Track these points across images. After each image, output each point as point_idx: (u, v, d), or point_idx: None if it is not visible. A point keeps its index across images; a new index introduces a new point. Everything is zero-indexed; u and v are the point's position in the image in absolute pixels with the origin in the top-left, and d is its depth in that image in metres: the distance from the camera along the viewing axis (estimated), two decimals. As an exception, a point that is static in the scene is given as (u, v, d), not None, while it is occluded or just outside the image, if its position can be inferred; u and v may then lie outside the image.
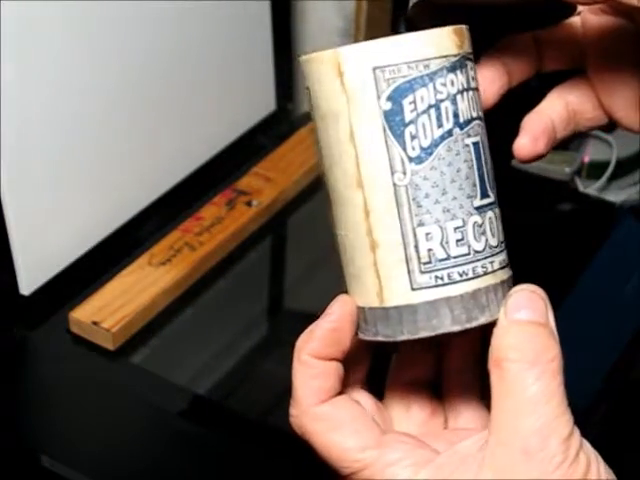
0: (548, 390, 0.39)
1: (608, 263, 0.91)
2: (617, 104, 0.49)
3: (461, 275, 0.42)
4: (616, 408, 0.82)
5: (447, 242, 0.42)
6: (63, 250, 0.88)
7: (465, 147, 0.42)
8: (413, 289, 0.43)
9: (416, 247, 0.42)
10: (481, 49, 0.48)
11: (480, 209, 0.43)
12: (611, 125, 0.50)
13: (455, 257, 0.42)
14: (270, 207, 0.98)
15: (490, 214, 0.43)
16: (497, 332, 0.41)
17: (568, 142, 0.48)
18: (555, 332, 0.41)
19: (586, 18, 0.49)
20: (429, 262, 0.42)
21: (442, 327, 0.43)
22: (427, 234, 0.42)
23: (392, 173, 0.42)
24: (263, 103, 1.08)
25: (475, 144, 0.43)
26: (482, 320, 0.43)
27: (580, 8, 0.48)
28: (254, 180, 1.00)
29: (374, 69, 0.41)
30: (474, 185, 0.43)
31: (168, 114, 0.96)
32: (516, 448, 0.39)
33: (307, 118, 1.11)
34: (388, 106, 0.42)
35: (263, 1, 1.03)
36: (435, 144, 0.42)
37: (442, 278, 0.42)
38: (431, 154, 0.42)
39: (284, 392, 0.84)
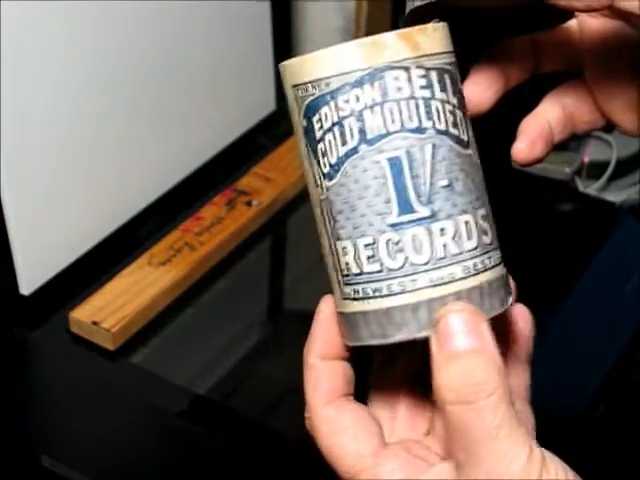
0: (494, 425, 0.39)
1: (608, 263, 0.91)
2: (615, 107, 0.48)
3: (374, 291, 0.42)
4: (616, 408, 0.82)
5: (359, 258, 0.42)
6: (63, 250, 0.88)
7: (375, 163, 0.41)
8: (342, 299, 0.43)
9: (338, 260, 0.43)
10: (481, 52, 0.48)
11: (397, 226, 0.41)
12: (609, 127, 0.50)
13: (368, 273, 0.42)
14: (270, 207, 0.98)
15: (416, 230, 0.41)
16: (433, 367, 0.40)
17: (567, 142, 0.48)
18: (495, 354, 0.40)
19: (584, 21, 0.48)
20: (347, 275, 0.42)
21: (362, 339, 0.43)
22: (343, 248, 0.42)
23: (315, 187, 0.43)
24: (263, 103, 1.08)
25: (392, 159, 0.41)
26: (398, 337, 0.42)
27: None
28: (254, 180, 1.00)
29: (293, 87, 0.43)
30: (387, 202, 0.41)
31: (168, 114, 0.96)
32: None
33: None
34: (304, 123, 0.42)
35: (263, 1, 1.03)
36: (341, 161, 0.41)
37: (358, 292, 0.42)
38: (338, 171, 0.42)
39: (284, 392, 0.84)
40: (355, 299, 0.42)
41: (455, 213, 0.41)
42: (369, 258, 0.42)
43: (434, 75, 0.41)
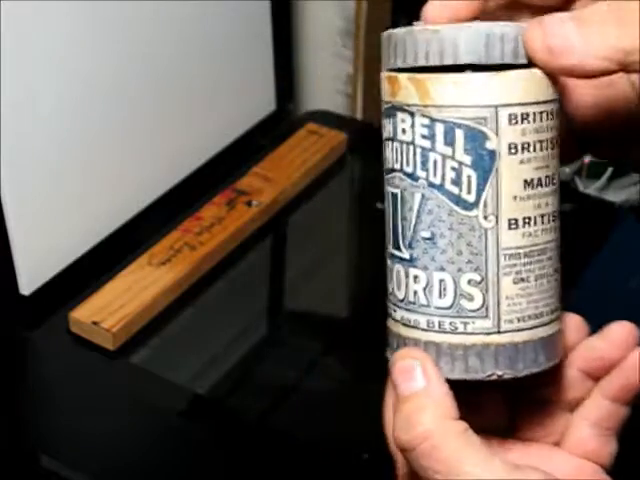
0: (448, 467, 0.39)
1: (608, 263, 0.91)
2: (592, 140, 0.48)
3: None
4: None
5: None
6: (63, 250, 0.88)
7: (387, 193, 0.43)
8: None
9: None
10: None
11: (391, 257, 0.43)
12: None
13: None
14: (270, 207, 0.98)
15: (399, 267, 0.42)
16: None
17: (571, 153, 0.48)
18: (433, 390, 0.40)
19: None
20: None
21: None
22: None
23: None
24: (263, 103, 1.08)
25: (393, 195, 0.43)
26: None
27: None
28: (254, 180, 1.00)
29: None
30: (388, 231, 0.43)
31: (168, 114, 0.96)
32: None
33: (307, 118, 1.11)
34: None
35: (263, 1, 1.03)
36: None
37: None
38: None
39: (284, 392, 0.84)
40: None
41: (431, 267, 0.42)
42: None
43: (440, 127, 0.41)
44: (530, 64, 0.41)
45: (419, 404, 0.40)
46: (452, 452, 0.39)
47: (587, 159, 1.04)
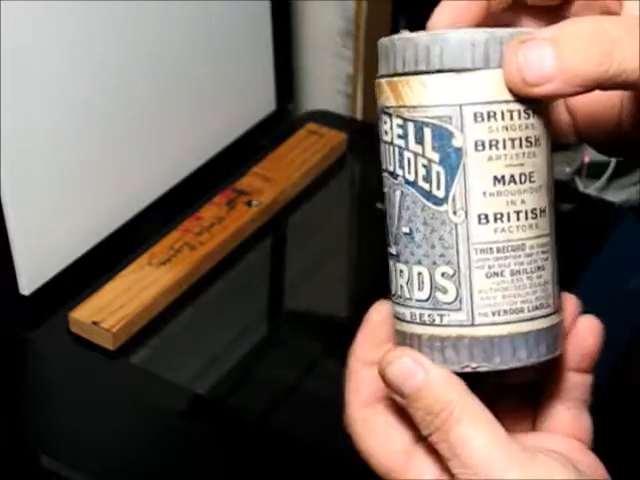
0: (462, 442, 0.41)
1: (608, 263, 0.91)
2: (593, 132, 0.48)
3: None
4: (616, 408, 0.82)
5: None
6: (63, 250, 0.88)
7: (384, 194, 0.45)
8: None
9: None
10: None
11: (388, 254, 0.45)
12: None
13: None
14: (270, 207, 0.98)
15: (391, 262, 0.44)
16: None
17: (568, 139, 0.48)
18: (436, 379, 0.41)
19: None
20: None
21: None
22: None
23: None
24: (263, 103, 1.08)
25: (385, 194, 0.44)
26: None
27: None
28: (254, 180, 1.00)
29: None
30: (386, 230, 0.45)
31: (168, 114, 0.96)
32: None
33: (307, 118, 1.11)
34: None
35: (263, 1, 1.03)
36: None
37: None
38: None
39: (284, 392, 0.84)
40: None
41: (411, 261, 0.43)
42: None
43: (411, 127, 0.43)
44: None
45: (428, 394, 0.41)
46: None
47: (587, 159, 1.04)
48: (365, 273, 1.02)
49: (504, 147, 0.42)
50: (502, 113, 0.42)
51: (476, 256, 0.42)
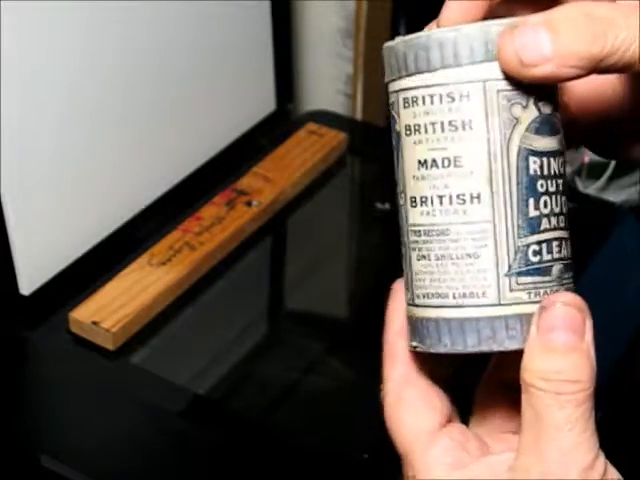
0: (571, 418, 0.39)
1: (608, 263, 0.91)
2: (590, 133, 0.48)
3: None
4: (616, 408, 0.82)
5: None
6: (63, 250, 0.88)
7: None
8: None
9: None
10: None
11: None
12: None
13: None
14: (270, 207, 0.98)
15: None
16: (528, 351, 0.41)
17: (568, 142, 0.48)
18: (591, 351, 0.40)
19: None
20: None
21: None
22: None
23: None
24: (263, 103, 1.08)
25: None
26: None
27: None
28: (254, 180, 1.00)
29: None
30: None
31: (168, 114, 0.96)
32: (536, 474, 0.40)
33: (307, 118, 1.11)
34: None
35: (263, 1, 1.03)
36: None
37: None
38: None
39: (284, 392, 0.84)
40: None
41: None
42: None
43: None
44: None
45: (579, 357, 0.40)
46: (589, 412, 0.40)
47: (587, 159, 1.04)
48: (365, 273, 1.02)
49: (425, 131, 0.42)
50: (423, 98, 0.42)
51: (411, 238, 0.43)
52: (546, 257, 0.42)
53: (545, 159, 0.42)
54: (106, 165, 0.90)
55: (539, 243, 0.42)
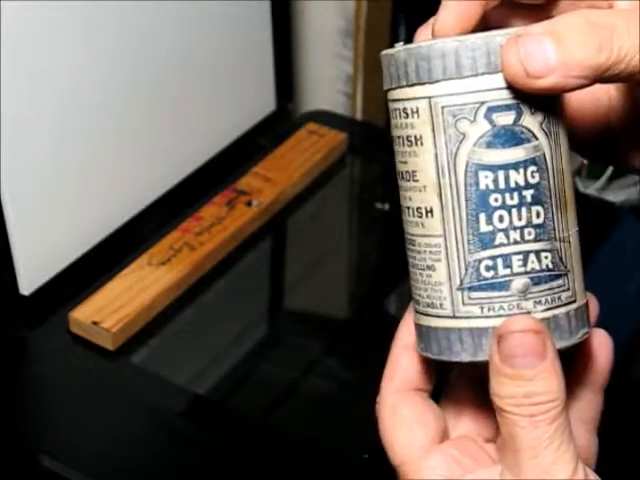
0: (546, 436, 0.40)
1: (608, 263, 0.91)
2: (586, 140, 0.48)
3: None
4: (616, 408, 0.82)
5: None
6: (63, 250, 0.88)
7: None
8: None
9: None
10: None
11: None
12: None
13: None
14: (270, 207, 0.98)
15: None
16: (494, 380, 0.41)
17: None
18: (555, 366, 0.40)
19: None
20: None
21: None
22: None
23: None
24: (263, 103, 1.08)
25: None
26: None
27: None
28: (254, 180, 1.00)
29: None
30: None
31: (168, 114, 0.96)
32: None
33: (307, 118, 1.11)
34: None
35: (263, 1, 1.03)
36: None
37: None
38: None
39: (284, 392, 0.84)
40: None
41: None
42: None
43: None
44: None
45: (544, 377, 0.40)
46: (564, 424, 0.41)
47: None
48: (365, 273, 1.02)
49: (397, 144, 0.43)
50: (395, 112, 0.43)
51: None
52: (503, 272, 0.41)
53: (502, 172, 0.41)
54: (106, 165, 0.90)
55: (493, 258, 0.41)
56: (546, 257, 0.42)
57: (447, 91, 0.41)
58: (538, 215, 0.42)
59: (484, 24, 0.44)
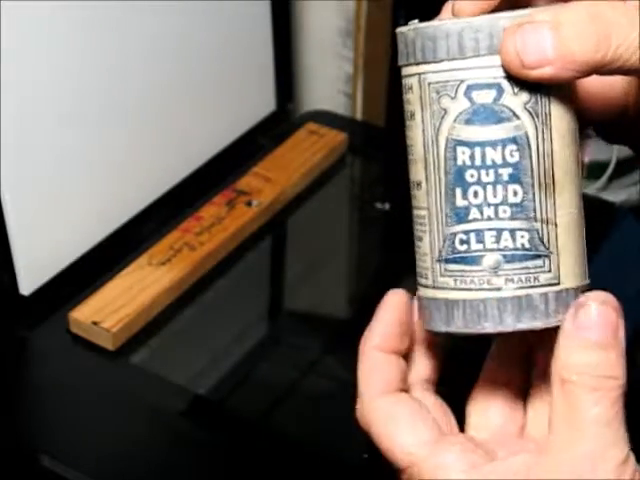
0: (605, 417, 0.40)
1: (608, 263, 0.91)
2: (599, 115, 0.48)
3: None
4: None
5: None
6: (63, 250, 0.88)
7: None
8: None
9: None
10: None
11: None
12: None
13: None
14: (270, 207, 0.98)
15: None
16: (564, 346, 0.41)
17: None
18: (624, 350, 0.41)
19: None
20: None
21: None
22: None
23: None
24: (263, 103, 1.08)
25: None
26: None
27: None
28: (254, 180, 1.00)
29: None
30: None
31: (168, 114, 0.96)
32: (566, 471, 0.40)
33: (307, 118, 1.11)
34: None
35: (263, 1, 1.03)
36: None
37: None
38: None
39: (284, 392, 0.84)
40: None
41: None
42: None
43: None
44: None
45: (614, 355, 0.41)
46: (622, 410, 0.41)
47: (587, 159, 1.04)
48: (365, 273, 1.02)
49: (405, 118, 0.44)
50: (403, 87, 0.44)
51: None
52: (475, 247, 0.42)
53: (479, 149, 0.41)
54: (106, 165, 0.90)
55: (466, 232, 0.42)
56: (522, 236, 0.42)
57: (435, 69, 0.42)
58: (515, 194, 0.42)
59: (513, 2, 0.44)
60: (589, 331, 0.40)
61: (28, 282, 0.85)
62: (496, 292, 0.42)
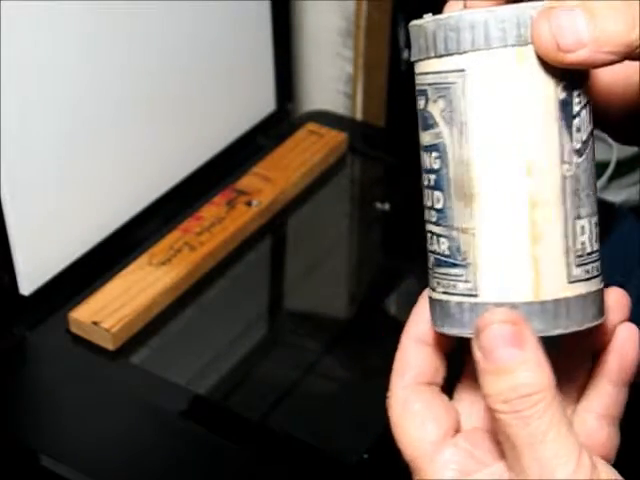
0: (539, 431, 0.39)
1: (608, 263, 0.91)
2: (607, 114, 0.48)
3: (597, 270, 0.43)
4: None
5: (592, 236, 0.42)
6: (63, 250, 0.88)
7: None
8: (570, 282, 0.42)
9: (574, 239, 0.42)
10: None
11: None
12: None
13: (594, 252, 0.43)
14: (270, 207, 0.98)
15: None
16: (480, 376, 0.40)
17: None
18: (538, 356, 0.39)
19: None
20: (582, 255, 0.42)
21: (587, 321, 0.42)
22: (581, 227, 0.42)
23: (562, 164, 0.41)
24: (263, 103, 1.08)
25: None
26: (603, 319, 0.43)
27: None
28: (254, 180, 1.00)
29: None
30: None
31: (168, 114, 0.96)
32: None
33: (307, 118, 1.11)
34: (562, 96, 0.41)
35: (263, 1, 1.03)
36: (590, 138, 0.42)
37: (589, 272, 0.42)
38: (587, 147, 0.42)
39: (284, 392, 0.84)
40: (587, 279, 0.42)
41: None
42: (596, 237, 0.43)
43: None
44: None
45: (527, 369, 0.39)
46: (557, 415, 0.40)
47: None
48: (365, 273, 1.02)
49: None
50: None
51: None
52: (427, 244, 0.44)
53: (422, 153, 0.42)
54: (106, 165, 0.90)
55: (427, 231, 0.44)
56: (443, 243, 0.43)
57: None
58: (438, 200, 0.42)
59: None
60: (494, 356, 0.39)
61: (28, 282, 0.85)
62: (432, 293, 0.43)
